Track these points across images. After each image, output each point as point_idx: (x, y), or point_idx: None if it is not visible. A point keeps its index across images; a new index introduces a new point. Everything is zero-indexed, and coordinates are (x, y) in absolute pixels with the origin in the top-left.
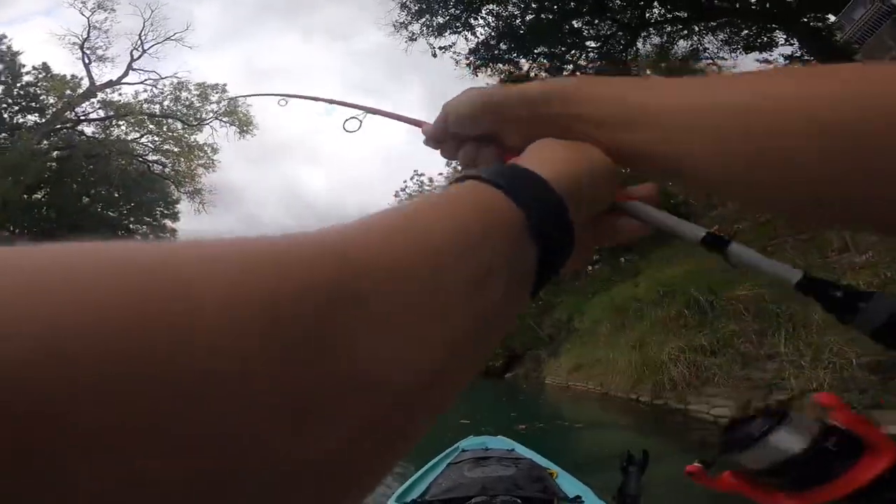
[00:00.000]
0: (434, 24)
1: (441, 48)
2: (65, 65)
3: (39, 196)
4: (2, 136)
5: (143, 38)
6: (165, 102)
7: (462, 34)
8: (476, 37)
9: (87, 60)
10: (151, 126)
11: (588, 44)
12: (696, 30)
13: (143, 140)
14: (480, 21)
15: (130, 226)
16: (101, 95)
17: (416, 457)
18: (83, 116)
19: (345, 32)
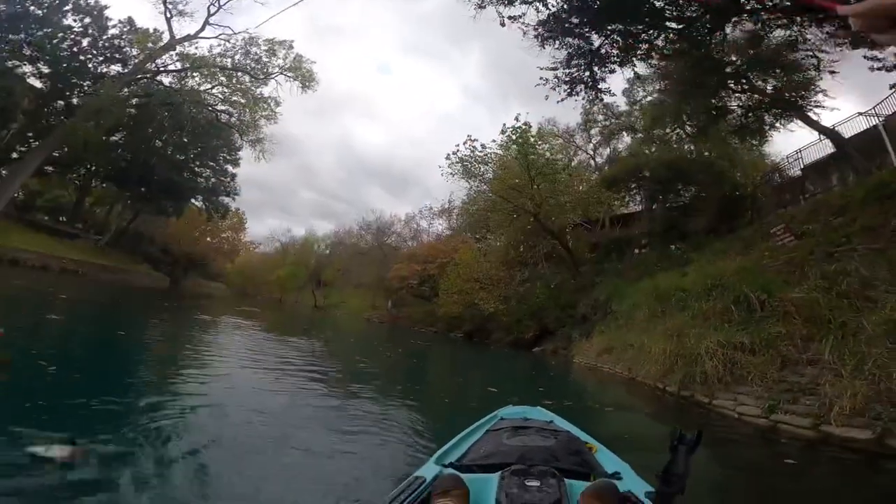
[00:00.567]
0: None
1: (510, 17)
2: (147, 19)
3: (117, 138)
4: (87, 84)
5: None
6: (236, 56)
7: (533, 5)
8: (547, 8)
9: (169, 15)
10: (222, 78)
11: (669, 24)
12: (798, 20)
13: (214, 91)
14: None
15: (196, 168)
16: (180, 48)
17: (455, 422)
18: (162, 68)
19: None
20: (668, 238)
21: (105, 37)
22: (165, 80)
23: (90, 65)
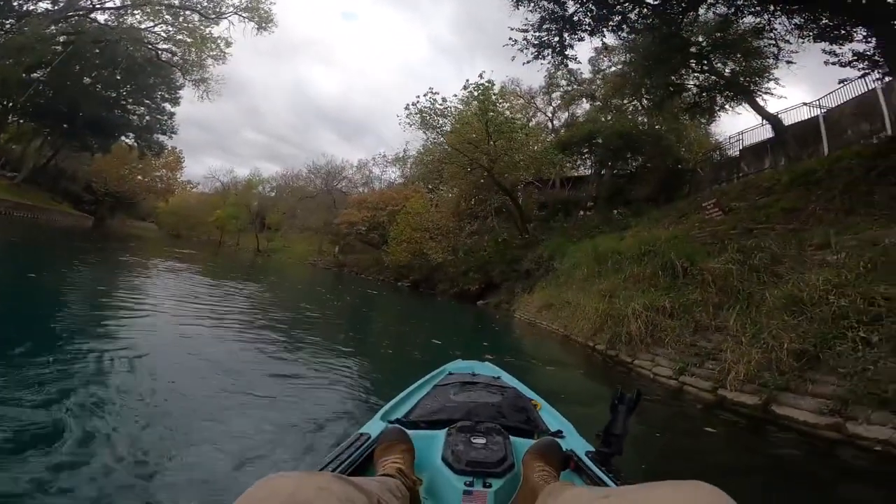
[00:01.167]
0: None
1: None
2: None
3: (39, 75)
4: (10, 23)
5: None
6: None
7: None
8: None
9: None
10: (168, 17)
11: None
12: (771, 9)
13: (157, 29)
14: None
15: (128, 105)
16: None
17: (399, 374)
18: (98, 4)
19: None
20: (613, 203)
21: None
22: (102, 18)
23: (14, 2)
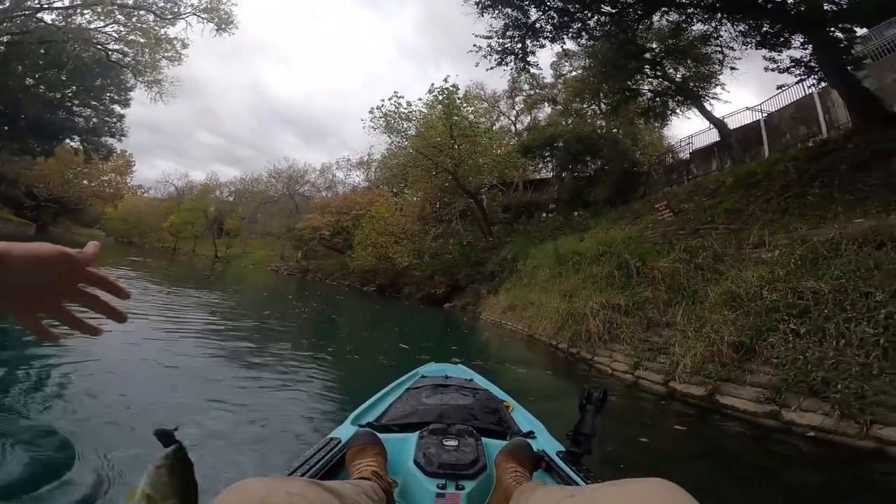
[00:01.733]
0: None
1: None
2: None
3: None
4: None
5: None
6: None
7: None
8: None
9: None
10: (121, 17)
11: (604, 7)
12: (718, 16)
13: (108, 29)
14: None
15: (74, 107)
16: None
17: (367, 381)
18: (46, 4)
19: None
20: (573, 205)
21: None
22: (49, 18)
23: None
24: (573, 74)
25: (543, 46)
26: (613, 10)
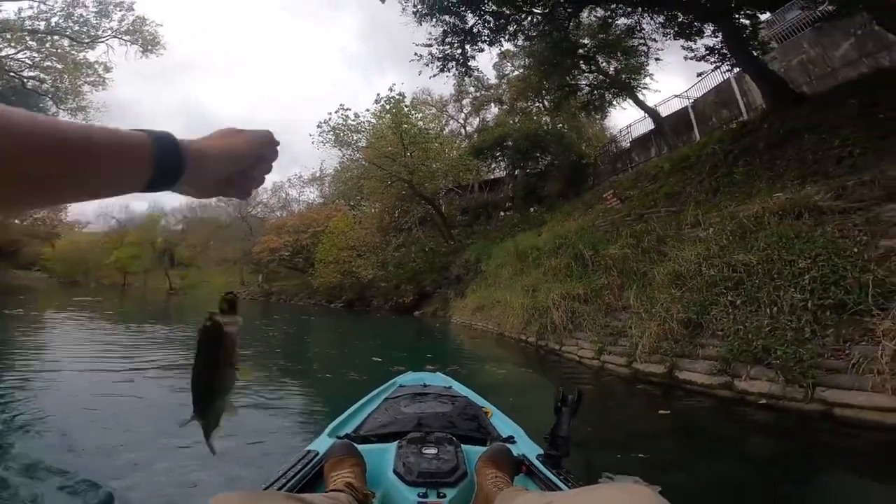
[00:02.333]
0: None
1: None
2: None
3: None
4: None
5: None
6: (54, 20)
7: None
8: None
9: None
10: (32, 43)
11: (535, 9)
12: (639, 10)
13: (20, 56)
14: None
15: None
16: None
17: (344, 400)
18: None
19: None
20: (528, 201)
21: None
22: None
23: None
24: (515, 74)
25: (483, 50)
26: (545, 11)
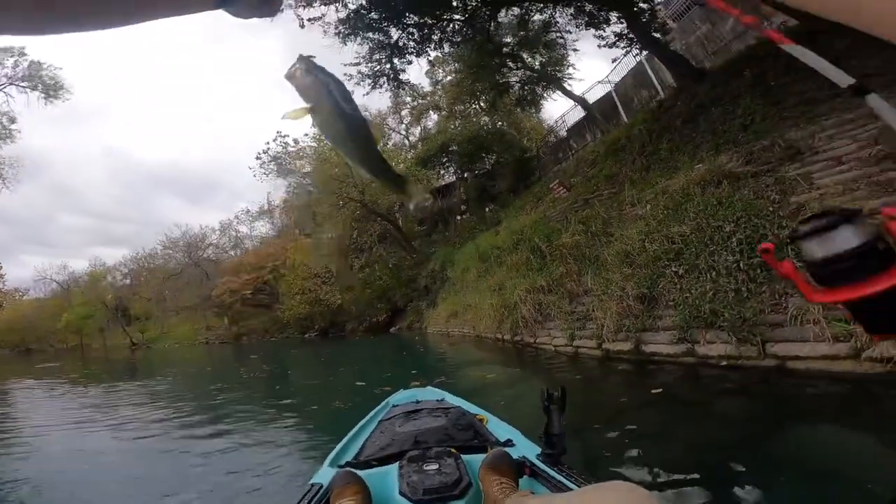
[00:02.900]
0: None
1: (310, 19)
2: None
3: None
4: None
5: None
6: None
7: (333, 5)
8: (346, 7)
9: None
10: None
11: (455, 16)
12: (551, 5)
13: None
14: None
15: None
16: None
17: (341, 424)
18: None
19: None
20: (482, 201)
21: None
22: None
23: None
24: (448, 79)
25: (411, 63)
26: (465, 17)
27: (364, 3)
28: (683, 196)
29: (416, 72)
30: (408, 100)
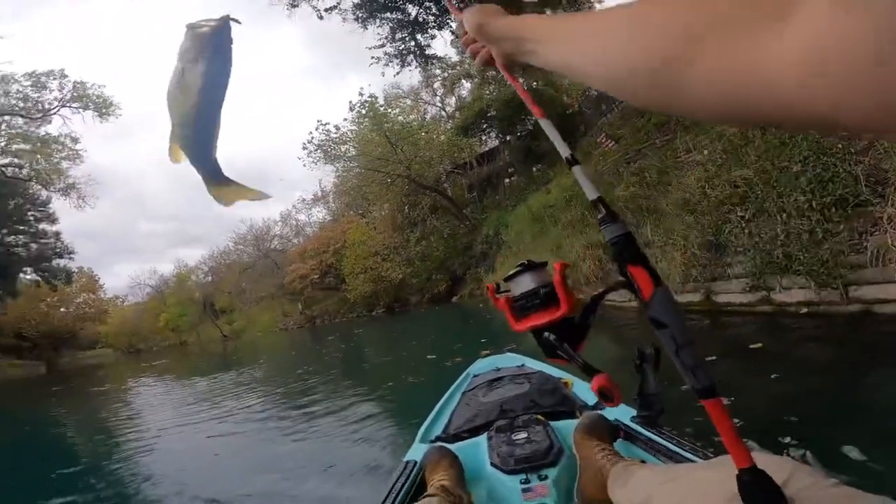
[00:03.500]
0: None
1: (327, 9)
2: None
3: None
4: None
5: None
6: None
7: None
8: None
9: None
10: None
11: None
12: None
13: None
14: None
15: (4, 239)
16: None
17: (421, 396)
18: None
19: None
20: (528, 162)
21: None
22: None
23: None
24: None
25: (434, 37)
26: None
27: None
28: (742, 139)
29: (442, 44)
30: (437, 72)
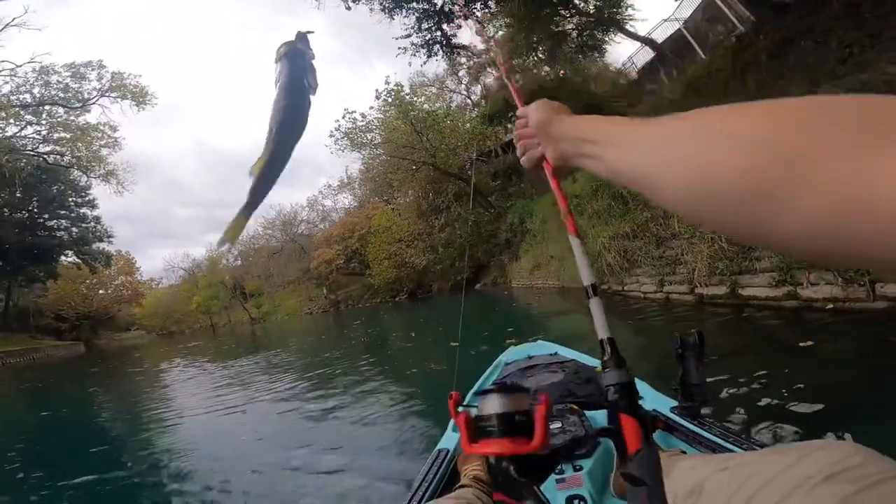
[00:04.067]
0: None
1: (354, 0)
2: None
3: None
4: None
5: None
6: (35, 90)
7: None
8: None
9: None
10: (29, 117)
11: None
12: None
13: (27, 132)
14: None
15: (47, 223)
16: None
17: (450, 384)
18: None
19: None
20: None
21: None
22: None
23: None
24: (500, 34)
25: (460, 27)
26: None
27: None
28: None
29: (467, 34)
30: (462, 60)
